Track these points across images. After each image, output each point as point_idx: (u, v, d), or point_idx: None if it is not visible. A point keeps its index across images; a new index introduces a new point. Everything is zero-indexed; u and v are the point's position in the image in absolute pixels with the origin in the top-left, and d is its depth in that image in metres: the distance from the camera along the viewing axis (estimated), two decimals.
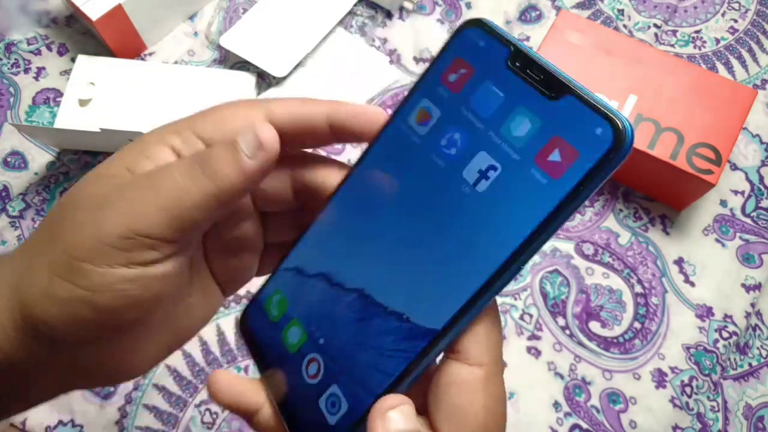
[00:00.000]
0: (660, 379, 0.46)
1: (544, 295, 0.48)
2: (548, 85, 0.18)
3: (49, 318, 0.18)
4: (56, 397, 0.21)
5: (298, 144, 0.22)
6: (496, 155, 0.19)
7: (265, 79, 0.55)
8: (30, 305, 0.18)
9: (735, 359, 0.47)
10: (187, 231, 0.19)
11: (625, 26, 0.59)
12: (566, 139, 0.17)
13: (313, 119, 0.21)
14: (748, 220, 0.51)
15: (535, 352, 0.47)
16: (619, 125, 0.16)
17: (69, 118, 0.51)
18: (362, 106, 0.22)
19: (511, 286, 0.48)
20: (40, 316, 0.18)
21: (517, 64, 0.19)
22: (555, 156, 0.17)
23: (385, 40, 0.58)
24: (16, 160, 0.52)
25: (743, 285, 0.49)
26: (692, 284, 0.49)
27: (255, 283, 0.26)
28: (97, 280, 0.18)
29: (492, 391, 0.19)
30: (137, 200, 0.19)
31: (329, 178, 0.23)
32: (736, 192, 0.52)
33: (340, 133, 0.22)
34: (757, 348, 0.48)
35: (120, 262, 0.18)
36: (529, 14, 0.60)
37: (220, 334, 0.47)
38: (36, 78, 0.55)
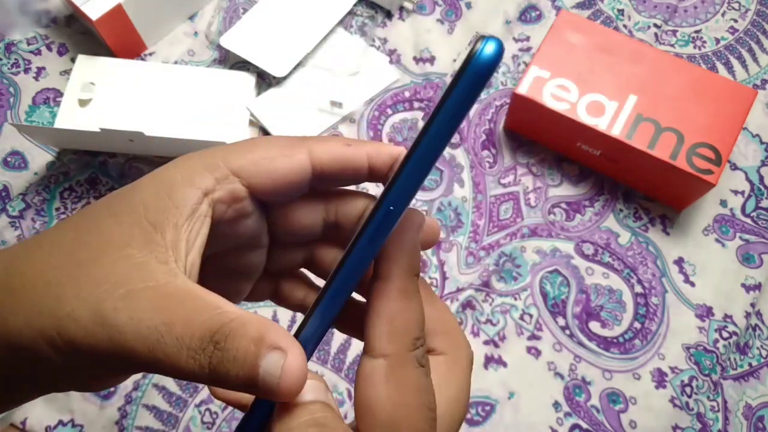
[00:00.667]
0: (660, 379, 0.46)
1: (544, 295, 0.48)
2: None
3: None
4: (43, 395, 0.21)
5: (336, 182, 0.22)
6: None
7: (265, 79, 0.55)
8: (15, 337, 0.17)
9: (735, 359, 0.47)
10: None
11: (625, 26, 0.59)
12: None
13: (354, 161, 0.21)
14: (748, 220, 0.51)
15: (535, 352, 0.47)
16: (478, 45, 0.17)
17: (69, 118, 0.51)
18: (402, 149, 0.22)
19: (511, 286, 0.48)
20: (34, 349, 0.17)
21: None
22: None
23: (385, 40, 0.58)
24: (16, 160, 0.52)
25: (743, 285, 0.49)
26: (692, 284, 0.49)
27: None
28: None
29: (399, 382, 0.18)
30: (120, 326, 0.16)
31: (361, 211, 0.23)
32: (736, 192, 0.52)
33: (379, 175, 0.22)
34: (757, 348, 0.48)
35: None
36: (529, 14, 0.60)
37: None
38: (36, 78, 0.55)
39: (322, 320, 0.19)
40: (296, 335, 0.19)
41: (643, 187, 0.52)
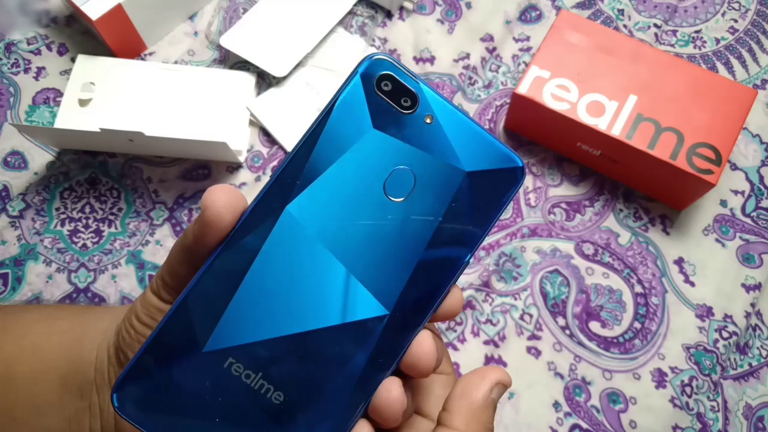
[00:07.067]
0: (660, 379, 0.46)
1: (544, 295, 0.48)
2: None
3: None
4: None
5: None
6: None
7: (265, 79, 0.55)
8: None
9: (735, 359, 0.47)
10: None
11: (625, 26, 0.59)
12: None
13: None
14: (748, 220, 0.51)
15: (535, 352, 0.47)
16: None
17: (69, 118, 0.51)
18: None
19: (511, 286, 0.48)
20: None
21: None
22: None
23: (385, 40, 0.58)
24: (16, 160, 0.52)
25: (743, 285, 0.49)
26: (692, 284, 0.49)
27: None
28: None
29: None
30: None
31: None
32: (736, 192, 0.52)
33: None
34: (757, 348, 0.48)
35: None
36: (529, 14, 0.60)
37: None
38: (36, 78, 0.55)
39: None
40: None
41: (643, 187, 0.52)
